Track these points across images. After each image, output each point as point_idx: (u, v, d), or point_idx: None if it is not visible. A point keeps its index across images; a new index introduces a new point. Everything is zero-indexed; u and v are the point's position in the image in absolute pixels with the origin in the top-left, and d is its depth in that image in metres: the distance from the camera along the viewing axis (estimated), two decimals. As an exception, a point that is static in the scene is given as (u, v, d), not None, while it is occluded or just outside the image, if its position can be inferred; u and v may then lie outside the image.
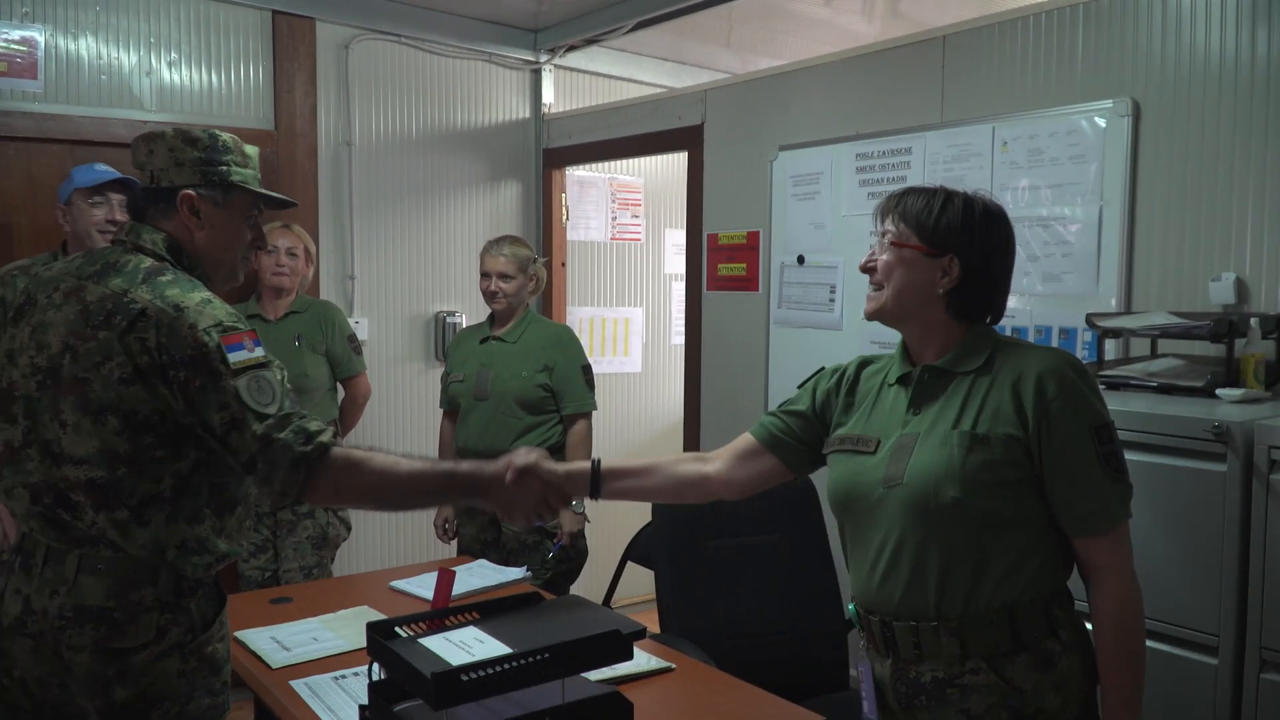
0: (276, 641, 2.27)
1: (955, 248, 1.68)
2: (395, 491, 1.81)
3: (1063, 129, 2.82)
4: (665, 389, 5.07)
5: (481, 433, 3.33)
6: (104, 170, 3.00)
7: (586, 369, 3.40)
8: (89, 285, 1.73)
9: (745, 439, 1.96)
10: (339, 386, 3.74)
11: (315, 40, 4.05)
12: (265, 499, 1.81)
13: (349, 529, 3.66)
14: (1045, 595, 1.64)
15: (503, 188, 4.60)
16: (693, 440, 4.03)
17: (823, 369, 1.94)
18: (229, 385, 1.66)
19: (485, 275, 3.38)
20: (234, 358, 1.69)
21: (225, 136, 1.87)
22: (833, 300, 3.41)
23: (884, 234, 1.73)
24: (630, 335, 4.99)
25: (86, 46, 3.66)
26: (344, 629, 2.35)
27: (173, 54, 3.81)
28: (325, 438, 1.71)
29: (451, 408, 3.51)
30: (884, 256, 1.72)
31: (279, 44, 3.98)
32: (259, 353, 1.71)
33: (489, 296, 3.38)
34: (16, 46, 3.54)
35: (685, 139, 3.97)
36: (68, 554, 1.69)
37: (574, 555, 3.36)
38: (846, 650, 2.85)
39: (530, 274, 3.39)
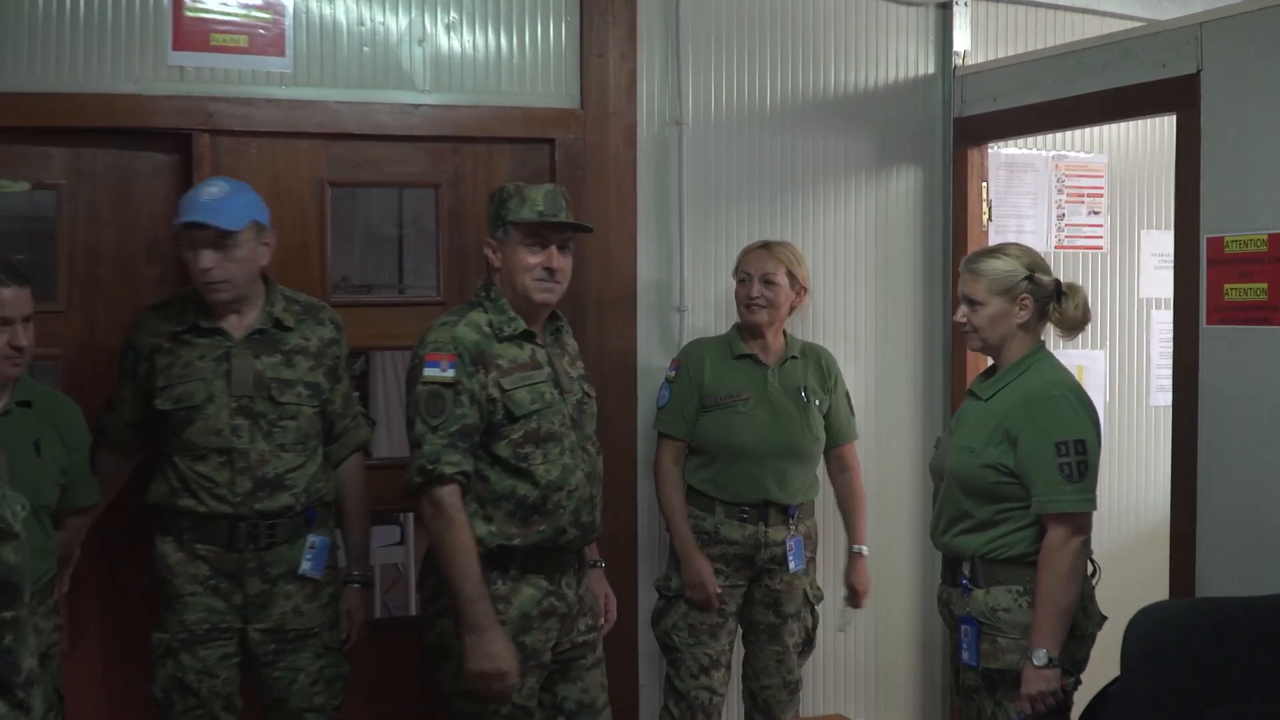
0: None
1: None
2: None
3: None
4: (1141, 471, 3.93)
5: None
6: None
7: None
8: None
9: None
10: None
11: (635, -16, 3.38)
12: None
13: None
14: None
15: (894, 176, 3.74)
16: (1187, 549, 2.97)
17: None
18: None
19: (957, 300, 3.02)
20: None
21: None
22: None
23: None
24: (1088, 390, 3.69)
25: (345, 9, 3.14)
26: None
27: (451, 14, 3.23)
28: None
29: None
30: None
31: (587, -7, 3.31)
32: None
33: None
34: (259, 15, 3.04)
35: (1172, 96, 3.10)
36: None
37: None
38: None
39: (1014, 295, 2.81)
